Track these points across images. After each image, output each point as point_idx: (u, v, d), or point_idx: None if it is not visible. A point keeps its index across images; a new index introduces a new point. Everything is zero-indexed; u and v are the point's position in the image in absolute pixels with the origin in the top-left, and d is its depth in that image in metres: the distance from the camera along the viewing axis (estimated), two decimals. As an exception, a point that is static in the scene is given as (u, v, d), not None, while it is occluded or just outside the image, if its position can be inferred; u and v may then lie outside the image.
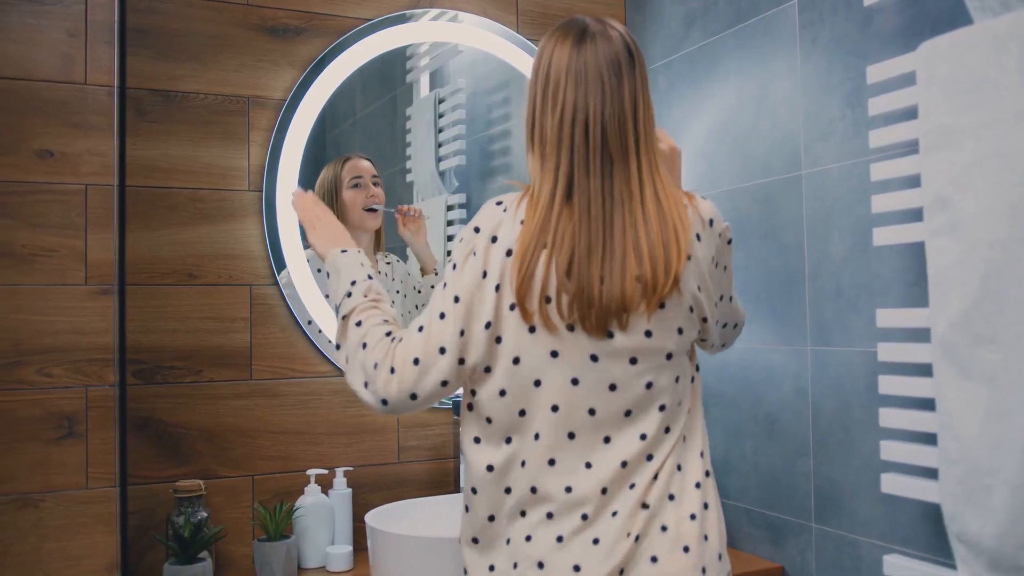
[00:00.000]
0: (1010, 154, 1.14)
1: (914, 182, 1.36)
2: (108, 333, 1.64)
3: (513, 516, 1.09)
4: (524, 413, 1.08)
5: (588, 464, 1.07)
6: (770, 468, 1.75)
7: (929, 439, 1.35)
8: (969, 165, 1.20)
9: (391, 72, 1.99)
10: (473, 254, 1.08)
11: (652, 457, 1.09)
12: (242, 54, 1.79)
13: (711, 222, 1.14)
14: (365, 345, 1.10)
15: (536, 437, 1.07)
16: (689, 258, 1.08)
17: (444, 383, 1.07)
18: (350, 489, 1.78)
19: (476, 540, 1.13)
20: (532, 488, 1.08)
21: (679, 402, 1.12)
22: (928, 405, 1.34)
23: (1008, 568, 1.15)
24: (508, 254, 1.06)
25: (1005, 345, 1.15)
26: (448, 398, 1.88)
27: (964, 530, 1.21)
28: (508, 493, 1.09)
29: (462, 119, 2.02)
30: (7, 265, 1.58)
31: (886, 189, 1.45)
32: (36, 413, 1.59)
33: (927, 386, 1.32)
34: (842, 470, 1.57)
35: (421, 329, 1.08)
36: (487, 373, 1.08)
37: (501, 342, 1.07)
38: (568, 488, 1.07)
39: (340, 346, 1.16)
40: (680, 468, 1.11)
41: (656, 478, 1.08)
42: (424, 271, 1.98)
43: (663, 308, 1.07)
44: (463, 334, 1.06)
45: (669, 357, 1.10)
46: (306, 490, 1.73)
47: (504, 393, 1.08)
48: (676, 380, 1.11)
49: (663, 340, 1.08)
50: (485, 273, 1.07)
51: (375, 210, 1.89)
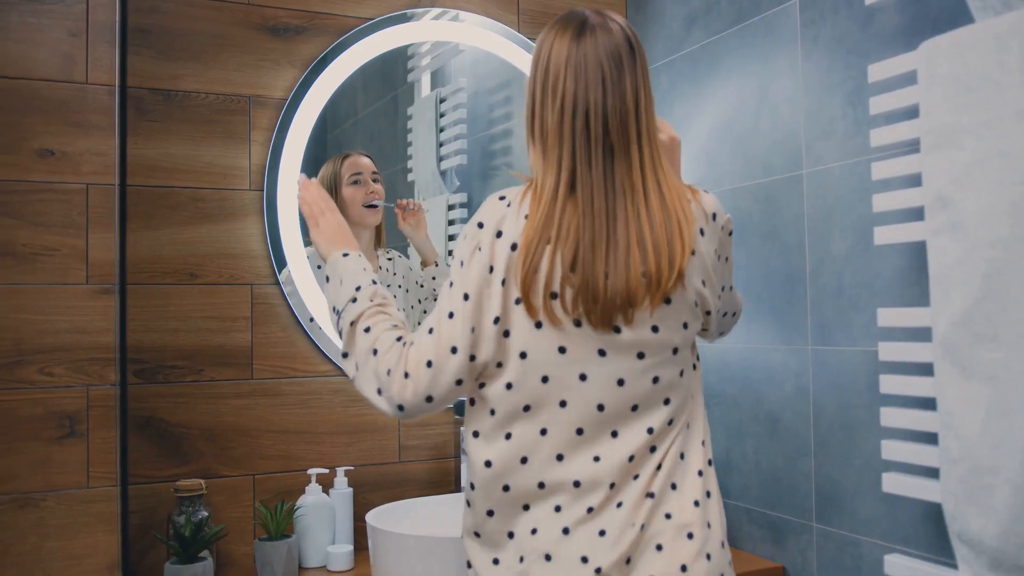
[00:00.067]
0: (1011, 153, 1.14)
1: (915, 181, 1.36)
2: (109, 332, 1.64)
3: (515, 511, 1.09)
4: (528, 408, 1.08)
5: (596, 458, 1.07)
6: (771, 468, 1.75)
7: (930, 438, 1.35)
8: (970, 164, 1.19)
9: (392, 71, 1.99)
10: (479, 249, 1.07)
11: (656, 449, 1.09)
12: (243, 53, 1.79)
13: (714, 216, 1.14)
14: (376, 352, 1.09)
15: (543, 433, 1.07)
16: (693, 253, 1.08)
17: (459, 382, 1.07)
18: (351, 488, 1.78)
19: (478, 534, 1.13)
20: (540, 483, 1.07)
21: (683, 395, 1.13)
22: (929, 404, 1.34)
23: (1010, 567, 1.15)
24: (513, 248, 1.06)
25: (1006, 344, 1.15)
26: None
27: (965, 529, 1.20)
28: (507, 491, 1.09)
29: (463, 118, 2.02)
30: (8, 264, 1.58)
31: (887, 188, 1.45)
32: (37, 412, 1.59)
33: (928, 385, 1.32)
34: (843, 469, 1.57)
35: (431, 331, 1.08)
36: (499, 368, 1.08)
37: (509, 336, 1.07)
38: (576, 483, 1.07)
39: (348, 354, 1.14)
40: (683, 457, 1.11)
41: (660, 468, 1.09)
42: (425, 264, 1.97)
43: (668, 304, 1.07)
44: (474, 331, 1.06)
45: (675, 352, 1.10)
46: (307, 489, 1.73)
47: (511, 387, 1.07)
48: (681, 374, 1.12)
49: (669, 335, 1.09)
50: (492, 268, 1.06)
51: (375, 206, 1.89)
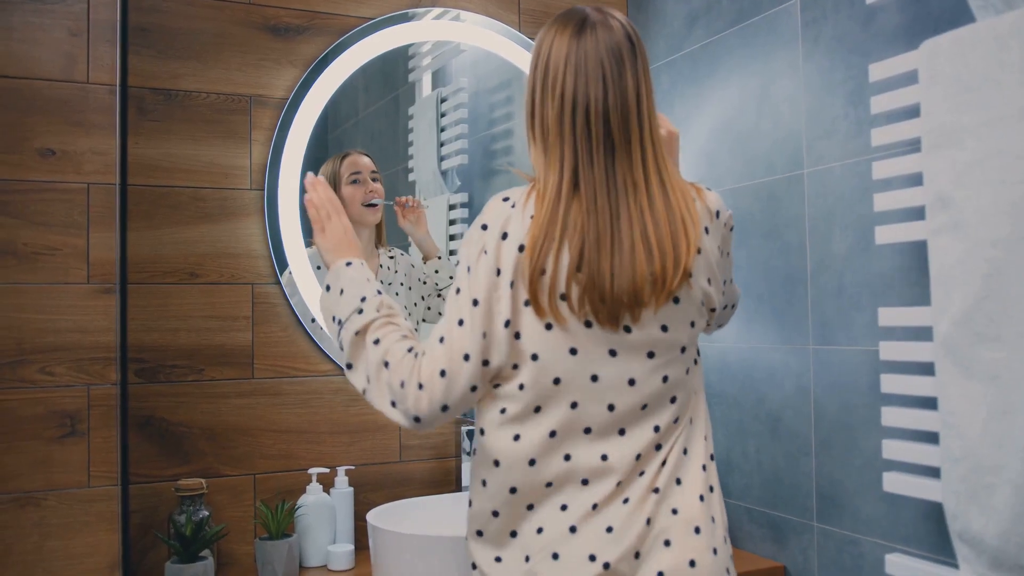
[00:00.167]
0: (1012, 152, 1.14)
1: (916, 180, 1.36)
2: (110, 332, 1.65)
3: (520, 511, 1.09)
4: (539, 410, 1.07)
5: (604, 456, 1.07)
6: (772, 467, 1.74)
7: (931, 438, 1.35)
8: (971, 163, 1.19)
9: (393, 71, 1.99)
10: (484, 252, 1.06)
11: (661, 446, 1.09)
12: (244, 53, 1.79)
13: (717, 213, 1.15)
14: (387, 364, 1.08)
15: (552, 435, 1.07)
16: (699, 251, 1.09)
17: (473, 388, 1.06)
18: (352, 488, 1.78)
19: (480, 533, 1.13)
20: (547, 484, 1.07)
21: (688, 392, 1.13)
22: (930, 404, 1.33)
23: (1011, 567, 1.15)
24: (520, 250, 1.05)
25: (1007, 344, 1.14)
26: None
27: (966, 529, 1.20)
28: (513, 492, 1.08)
29: (464, 118, 2.02)
30: (9, 264, 1.58)
31: (888, 187, 1.45)
32: (38, 412, 1.59)
33: (929, 385, 1.32)
34: (844, 469, 1.57)
35: (442, 340, 1.07)
36: (514, 369, 1.07)
37: (520, 339, 1.06)
38: (584, 480, 1.07)
39: (353, 364, 1.12)
40: (686, 452, 1.11)
41: (664, 463, 1.09)
42: (427, 258, 1.97)
43: (677, 303, 1.08)
44: (485, 336, 1.05)
45: (683, 350, 1.11)
46: (308, 489, 1.73)
47: (522, 387, 1.07)
48: (687, 371, 1.12)
49: (678, 334, 1.09)
50: (499, 271, 1.05)
51: (374, 205, 1.89)
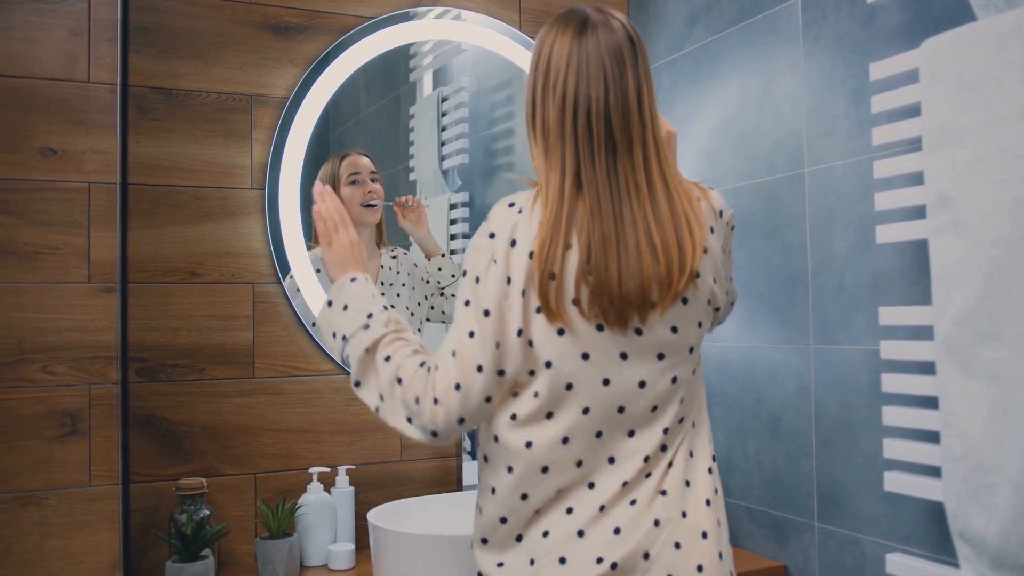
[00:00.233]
0: (1013, 151, 1.14)
1: (917, 179, 1.36)
2: (111, 331, 1.65)
3: (527, 516, 1.08)
4: (551, 416, 1.06)
5: (611, 459, 1.07)
6: (773, 467, 1.74)
7: (932, 437, 1.35)
8: (972, 162, 1.19)
9: (394, 70, 1.99)
10: (494, 261, 1.05)
11: (667, 448, 1.09)
12: (245, 52, 1.79)
13: (720, 213, 1.15)
14: (400, 380, 1.06)
15: (564, 442, 1.06)
16: (705, 252, 1.08)
17: (488, 399, 1.05)
18: (352, 487, 1.78)
19: (485, 540, 1.12)
20: (557, 490, 1.07)
21: (691, 392, 1.13)
22: (931, 403, 1.33)
23: (1012, 566, 1.15)
24: (531, 256, 1.04)
25: (1008, 343, 1.14)
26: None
27: (967, 528, 1.20)
28: (524, 499, 1.07)
29: (465, 117, 2.02)
30: (10, 263, 1.59)
31: (889, 186, 1.45)
32: (39, 411, 1.59)
33: (930, 384, 1.31)
34: (845, 468, 1.57)
35: (454, 354, 1.05)
36: (531, 376, 1.06)
37: (533, 346, 1.05)
38: (591, 484, 1.06)
39: (362, 383, 1.11)
40: (692, 454, 1.11)
41: (671, 465, 1.08)
42: (429, 256, 1.97)
43: (685, 304, 1.07)
44: (498, 346, 1.04)
45: (691, 351, 1.11)
46: (308, 488, 1.73)
47: (536, 395, 1.06)
48: (692, 372, 1.12)
49: (687, 334, 1.09)
50: (509, 279, 1.04)
51: (373, 205, 1.89)
